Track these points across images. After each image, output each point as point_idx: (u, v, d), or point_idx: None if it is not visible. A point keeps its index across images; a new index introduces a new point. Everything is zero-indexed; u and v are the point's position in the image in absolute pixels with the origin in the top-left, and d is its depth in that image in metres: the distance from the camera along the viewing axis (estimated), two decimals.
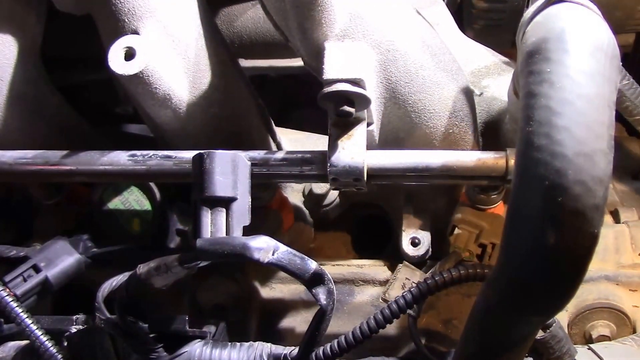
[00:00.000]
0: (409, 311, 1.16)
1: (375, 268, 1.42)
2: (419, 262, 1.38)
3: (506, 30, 1.57)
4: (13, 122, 1.34)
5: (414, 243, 1.38)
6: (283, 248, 1.01)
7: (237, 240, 1.00)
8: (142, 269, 1.06)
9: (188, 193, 1.10)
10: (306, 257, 1.02)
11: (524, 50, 0.89)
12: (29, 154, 1.24)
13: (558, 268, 0.84)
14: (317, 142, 1.54)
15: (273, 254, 1.00)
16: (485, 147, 1.36)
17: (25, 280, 1.24)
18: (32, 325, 1.14)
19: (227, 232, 1.05)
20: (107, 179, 1.27)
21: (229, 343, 1.17)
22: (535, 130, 0.82)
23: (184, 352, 1.14)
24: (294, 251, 1.02)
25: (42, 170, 1.23)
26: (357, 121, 1.15)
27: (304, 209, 1.50)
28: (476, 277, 1.12)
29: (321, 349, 1.11)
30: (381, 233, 1.57)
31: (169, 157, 1.20)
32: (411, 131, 1.25)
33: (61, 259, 1.27)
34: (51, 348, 1.14)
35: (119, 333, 1.13)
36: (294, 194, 1.50)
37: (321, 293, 1.03)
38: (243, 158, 1.08)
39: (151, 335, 1.15)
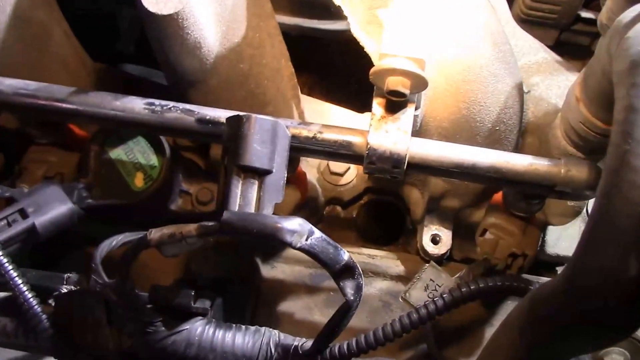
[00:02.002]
0: None
1: (387, 260, 1.37)
2: (437, 261, 1.34)
3: (554, 26, 1.53)
4: (14, 47, 1.24)
5: (435, 240, 1.34)
6: (317, 234, 0.95)
7: (269, 219, 0.94)
8: (154, 234, 0.99)
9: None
10: (339, 246, 0.97)
11: (628, 59, 0.84)
12: (32, 85, 1.15)
13: (633, 301, 0.80)
14: (340, 115, 1.48)
15: (306, 239, 0.94)
16: (522, 149, 1.32)
17: (9, 225, 1.15)
18: (17, 279, 1.06)
19: (257, 208, 0.99)
20: (117, 126, 1.19)
21: (233, 325, 1.11)
22: (634, 150, 0.77)
23: (184, 330, 1.08)
24: (328, 239, 0.96)
25: (45, 105, 1.14)
26: (405, 104, 1.09)
27: (318, 186, 1.44)
28: (512, 290, 1.08)
29: (337, 345, 1.06)
30: (391, 221, 1.53)
31: (190, 111, 1.12)
32: (456, 122, 1.20)
33: (52, 206, 1.18)
34: (36, 306, 1.07)
35: (117, 300, 1.06)
36: (307, 167, 1.43)
37: (349, 287, 0.98)
38: (284, 127, 1.01)
39: (149, 306, 1.09)
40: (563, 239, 1.35)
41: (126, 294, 1.05)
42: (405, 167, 1.09)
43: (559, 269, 1.45)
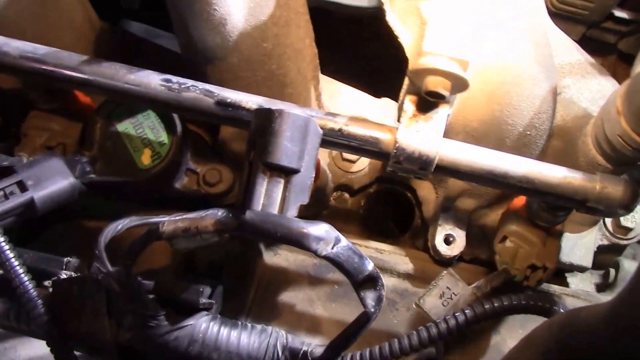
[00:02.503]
0: None
1: (395, 256, 1.30)
2: (447, 262, 1.28)
3: (583, 22, 1.45)
4: (20, 5, 1.14)
5: (448, 241, 1.27)
6: (344, 242, 0.89)
7: (295, 224, 0.87)
8: (167, 226, 0.92)
9: None
10: (365, 255, 0.90)
11: None
12: (40, 49, 1.06)
13: None
14: (356, 97, 1.39)
15: (332, 248, 0.87)
16: (546, 152, 1.25)
17: (6, 197, 1.06)
18: (13, 260, 0.98)
19: (281, 209, 0.91)
20: (129, 101, 1.10)
21: (239, 323, 1.05)
22: None
23: (188, 325, 1.01)
24: (354, 247, 0.90)
25: (53, 72, 1.05)
26: (440, 104, 1.01)
27: (328, 171, 1.36)
28: (537, 310, 1.02)
29: (349, 355, 1.00)
30: (399, 213, 1.46)
31: (210, 92, 1.03)
32: (487, 123, 1.13)
33: (53, 180, 1.09)
34: (31, 290, 0.99)
35: (120, 290, 0.98)
36: (319, 152, 1.35)
37: (369, 298, 0.92)
38: (316, 125, 0.93)
39: (151, 297, 1.02)
40: (578, 247, 1.29)
41: (130, 285, 0.98)
42: (432, 169, 1.02)
43: (569, 277, 1.40)
